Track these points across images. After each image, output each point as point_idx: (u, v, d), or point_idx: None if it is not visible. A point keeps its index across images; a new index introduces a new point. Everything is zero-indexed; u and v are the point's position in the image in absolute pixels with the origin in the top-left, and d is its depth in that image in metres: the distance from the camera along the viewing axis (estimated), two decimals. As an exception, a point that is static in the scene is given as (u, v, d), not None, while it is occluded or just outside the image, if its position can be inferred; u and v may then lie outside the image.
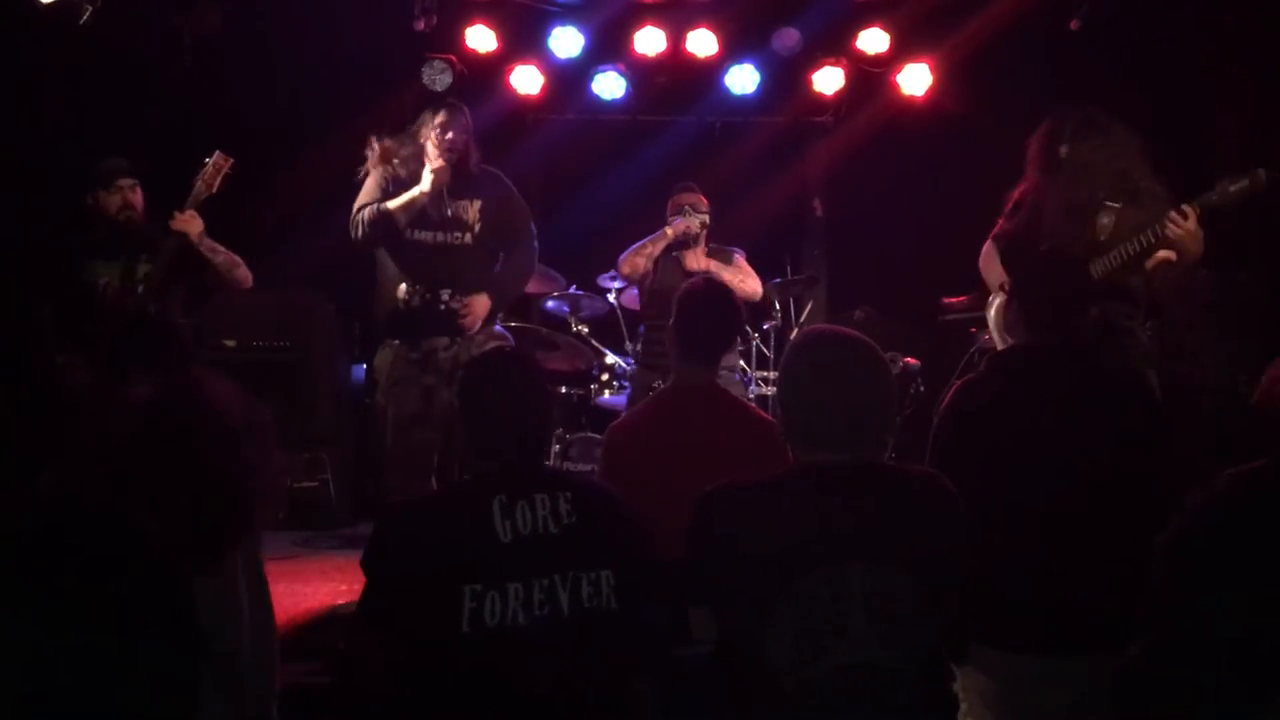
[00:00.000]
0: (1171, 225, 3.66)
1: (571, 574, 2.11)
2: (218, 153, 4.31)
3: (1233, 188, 3.65)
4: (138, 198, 4.38)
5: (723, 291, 3.27)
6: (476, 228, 4.43)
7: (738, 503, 2.05)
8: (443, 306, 4.36)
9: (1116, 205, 3.92)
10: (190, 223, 4.22)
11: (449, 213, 4.37)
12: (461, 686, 2.06)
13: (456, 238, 4.40)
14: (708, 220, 5.14)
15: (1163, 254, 3.77)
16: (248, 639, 2.20)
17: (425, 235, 4.37)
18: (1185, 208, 3.66)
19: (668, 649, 2.32)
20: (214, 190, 4.31)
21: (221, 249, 4.39)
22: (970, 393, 2.77)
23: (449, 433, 4.35)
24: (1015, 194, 4.17)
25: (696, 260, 5.17)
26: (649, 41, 6.17)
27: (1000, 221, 4.18)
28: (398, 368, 4.35)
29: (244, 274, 4.47)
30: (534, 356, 2.54)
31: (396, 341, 4.39)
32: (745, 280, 5.10)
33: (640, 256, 5.07)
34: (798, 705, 1.92)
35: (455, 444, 4.48)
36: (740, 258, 5.22)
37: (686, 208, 5.09)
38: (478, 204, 4.43)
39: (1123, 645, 1.83)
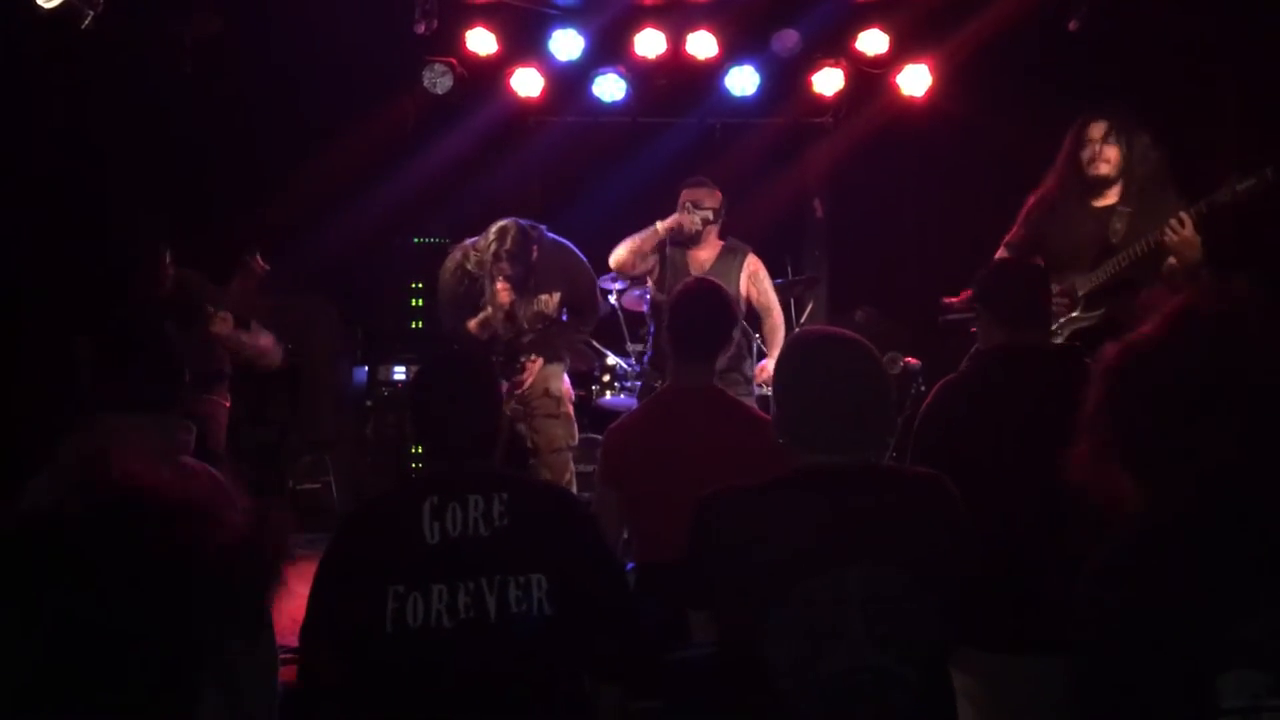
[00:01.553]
0: (1168, 232, 3.70)
1: (499, 578, 2.06)
2: (257, 257, 4.44)
3: (1240, 186, 3.68)
4: (169, 273, 4.51)
5: (716, 290, 3.27)
6: (557, 314, 4.94)
7: (738, 505, 2.04)
8: (518, 365, 4.96)
9: (1129, 210, 3.95)
10: (223, 324, 4.46)
11: (532, 310, 4.86)
12: (389, 687, 2.04)
13: (539, 328, 4.91)
14: (711, 217, 5.04)
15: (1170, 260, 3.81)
16: (244, 642, 2.19)
17: (510, 330, 4.90)
18: (1182, 215, 3.70)
19: (654, 652, 2.29)
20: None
21: (247, 341, 4.62)
22: (951, 392, 2.79)
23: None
24: (1031, 199, 4.18)
25: (705, 254, 5.12)
26: (649, 44, 6.17)
27: (1014, 228, 4.19)
28: None
29: (271, 360, 4.81)
30: (488, 359, 2.53)
31: None
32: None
33: (628, 253, 5.03)
34: (796, 708, 1.90)
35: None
36: (754, 260, 5.17)
37: (687, 204, 5.03)
38: (557, 295, 4.90)
39: None
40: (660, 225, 5.00)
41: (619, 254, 5.07)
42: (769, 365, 5.11)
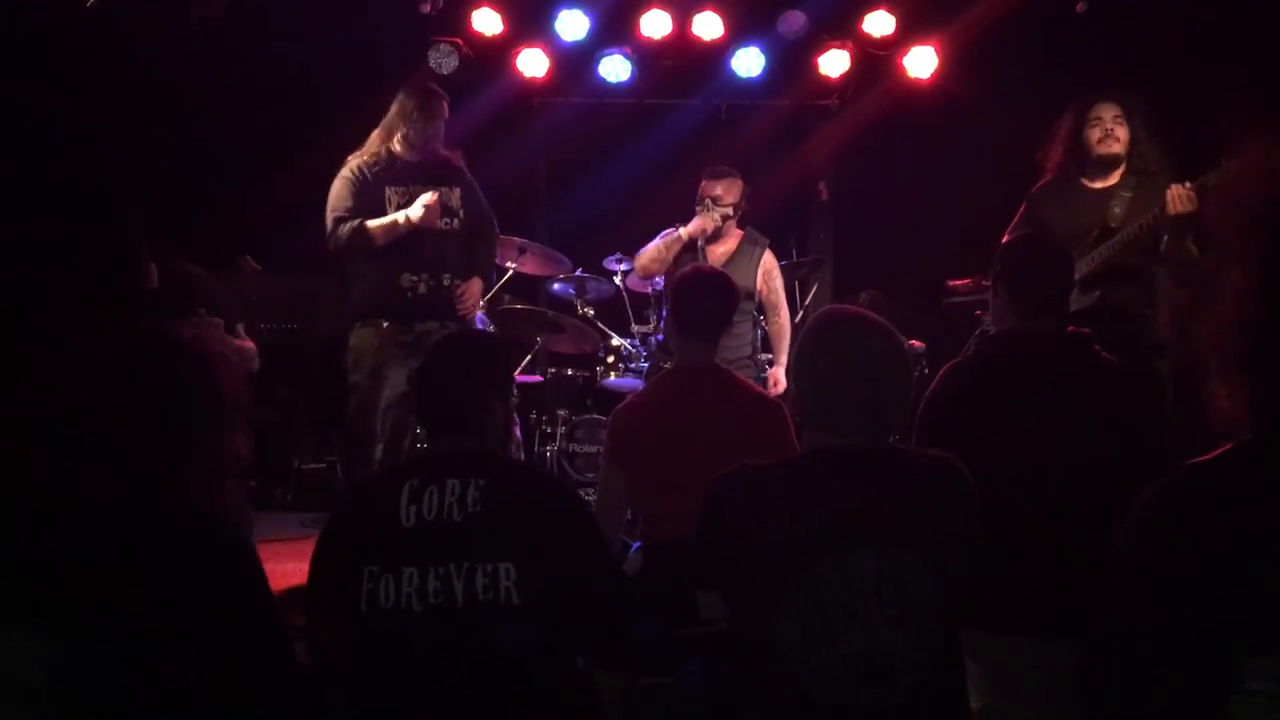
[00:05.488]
0: (1171, 200, 3.64)
1: (467, 565, 2.05)
2: (248, 258, 4.38)
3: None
4: (152, 275, 4.23)
5: (718, 273, 3.29)
6: (461, 213, 4.64)
7: (748, 487, 2.02)
8: (444, 292, 4.53)
9: (1128, 194, 3.94)
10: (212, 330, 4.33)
11: (444, 201, 4.56)
12: (366, 665, 2.07)
13: (447, 223, 4.59)
14: (730, 213, 4.91)
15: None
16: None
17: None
18: (1187, 184, 3.64)
19: (652, 635, 2.29)
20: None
21: (235, 345, 4.51)
22: (957, 377, 2.78)
23: None
24: (1029, 195, 4.15)
25: (723, 248, 5.07)
26: (655, 24, 6.17)
27: (1015, 221, 4.17)
28: (385, 350, 4.54)
29: (250, 365, 4.61)
30: (497, 338, 2.53)
31: (385, 323, 4.56)
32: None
33: (652, 260, 4.95)
34: (809, 690, 1.90)
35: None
36: (770, 255, 5.14)
37: (707, 201, 4.91)
38: (458, 191, 4.66)
39: None
40: (684, 231, 4.87)
41: (643, 261, 4.99)
42: (779, 374, 5.12)
